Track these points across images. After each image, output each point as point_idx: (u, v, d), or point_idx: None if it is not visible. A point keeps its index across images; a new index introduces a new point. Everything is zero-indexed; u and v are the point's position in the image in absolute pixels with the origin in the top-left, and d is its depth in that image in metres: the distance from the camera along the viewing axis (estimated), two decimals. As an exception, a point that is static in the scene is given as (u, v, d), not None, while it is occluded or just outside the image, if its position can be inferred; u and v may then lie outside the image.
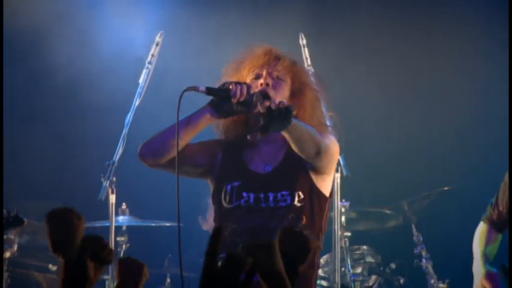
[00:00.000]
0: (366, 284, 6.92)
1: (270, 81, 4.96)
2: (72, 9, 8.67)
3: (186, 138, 5.04)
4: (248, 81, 5.04)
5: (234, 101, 4.83)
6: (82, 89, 8.34)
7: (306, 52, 5.68)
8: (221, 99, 4.96)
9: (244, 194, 4.95)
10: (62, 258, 3.24)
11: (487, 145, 8.04)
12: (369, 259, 6.86)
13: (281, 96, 4.96)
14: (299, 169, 5.01)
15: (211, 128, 5.22)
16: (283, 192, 4.95)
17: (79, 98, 8.21)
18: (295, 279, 3.26)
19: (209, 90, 4.83)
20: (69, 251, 3.22)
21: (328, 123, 5.28)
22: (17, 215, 5.67)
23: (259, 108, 4.79)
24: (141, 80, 5.72)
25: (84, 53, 8.61)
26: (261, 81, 5.00)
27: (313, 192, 4.99)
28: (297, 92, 5.04)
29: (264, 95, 4.95)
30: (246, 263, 2.64)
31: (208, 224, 6.07)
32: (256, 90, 4.99)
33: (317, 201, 5.00)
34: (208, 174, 5.15)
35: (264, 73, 5.01)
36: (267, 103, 4.30)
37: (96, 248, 2.96)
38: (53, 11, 8.40)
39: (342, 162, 5.57)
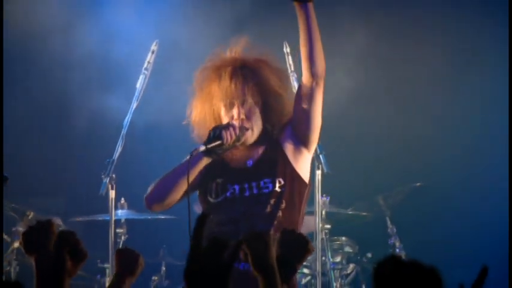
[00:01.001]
0: (345, 272, 6.91)
1: (243, 112, 4.99)
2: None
3: (186, 183, 4.98)
4: (221, 108, 5.06)
5: (226, 144, 4.86)
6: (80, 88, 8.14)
7: (289, 59, 5.52)
8: (215, 147, 4.97)
9: (229, 187, 4.99)
10: (36, 258, 3.32)
11: (454, 146, 7.88)
12: (347, 249, 6.89)
13: (254, 118, 4.99)
14: (279, 158, 5.05)
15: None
16: (266, 180, 4.97)
17: (78, 98, 8.02)
18: (291, 275, 3.40)
19: (207, 149, 4.84)
20: (42, 251, 3.31)
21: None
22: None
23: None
24: (138, 85, 5.67)
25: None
26: (235, 115, 5.00)
27: (293, 178, 5.01)
28: (267, 104, 5.06)
29: (245, 128, 5.02)
30: (227, 247, 2.70)
31: None
32: (237, 124, 5.00)
33: (297, 186, 5.03)
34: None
35: (236, 107, 5.02)
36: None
37: (72, 244, 3.01)
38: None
39: (322, 161, 5.45)
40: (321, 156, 5.46)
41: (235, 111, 4.99)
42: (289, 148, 5.08)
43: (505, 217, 7.48)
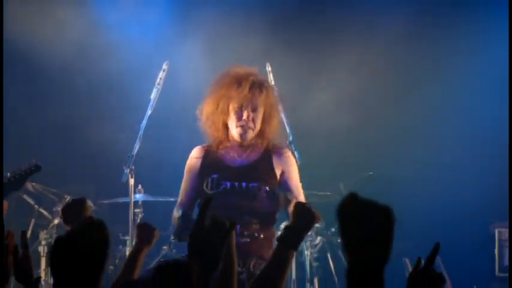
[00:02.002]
0: (314, 243, 6.79)
1: (251, 115, 4.91)
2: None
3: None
4: (232, 112, 4.97)
5: None
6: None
7: (271, 76, 5.50)
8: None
9: (222, 183, 4.90)
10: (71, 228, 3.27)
11: (406, 140, 7.59)
12: (316, 224, 6.74)
13: (257, 122, 4.96)
14: (269, 172, 4.99)
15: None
16: (253, 184, 4.91)
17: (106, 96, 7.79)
18: (299, 242, 3.29)
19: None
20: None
21: (287, 128, 5.35)
22: (36, 163, 5.59)
23: None
24: (152, 96, 5.59)
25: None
26: (245, 116, 4.91)
27: (274, 182, 4.96)
28: (268, 116, 4.99)
29: (250, 127, 4.97)
30: (225, 225, 2.72)
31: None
32: (239, 124, 4.98)
33: (277, 192, 4.97)
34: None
35: (247, 110, 4.93)
36: None
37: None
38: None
39: (296, 155, 5.34)
40: (295, 152, 5.35)
41: (245, 113, 4.89)
42: (278, 172, 5.00)
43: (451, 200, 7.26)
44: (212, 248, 2.67)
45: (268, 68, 5.44)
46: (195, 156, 5.10)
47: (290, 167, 5.09)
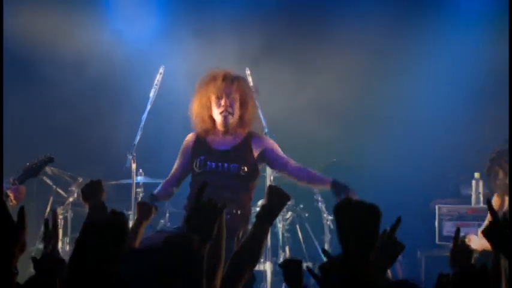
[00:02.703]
0: (285, 217, 6.74)
1: (227, 102, 4.93)
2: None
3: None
4: (213, 102, 5.00)
5: None
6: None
7: (250, 79, 5.43)
8: None
9: (208, 163, 4.91)
10: (89, 205, 3.56)
11: (364, 132, 7.46)
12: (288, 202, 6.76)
13: (235, 108, 4.97)
14: (248, 155, 4.98)
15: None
16: (234, 165, 4.90)
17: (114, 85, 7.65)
18: (274, 219, 3.33)
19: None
20: (93, 200, 3.55)
21: (261, 116, 5.30)
22: (50, 156, 5.58)
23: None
24: (151, 94, 5.56)
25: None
26: (223, 103, 4.94)
27: (253, 169, 4.95)
28: (243, 102, 4.99)
29: (229, 112, 4.96)
30: (217, 205, 2.75)
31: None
32: (220, 111, 5.00)
33: (254, 173, 4.97)
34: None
35: (224, 98, 4.96)
36: None
37: None
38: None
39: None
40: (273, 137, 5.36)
41: (223, 101, 4.90)
42: (256, 154, 4.99)
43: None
44: (207, 223, 2.71)
45: (248, 72, 5.42)
46: (188, 139, 5.10)
47: (270, 144, 5.10)
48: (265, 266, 5.75)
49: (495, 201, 5.95)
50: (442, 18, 7.66)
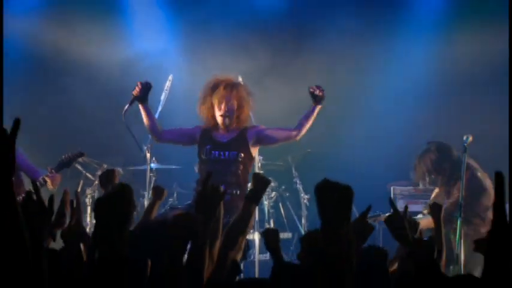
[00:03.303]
0: (270, 196, 6.72)
1: (226, 107, 4.90)
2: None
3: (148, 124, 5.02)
4: (216, 106, 4.93)
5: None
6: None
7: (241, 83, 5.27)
8: None
9: (213, 152, 4.91)
10: (105, 190, 3.53)
11: (334, 126, 7.16)
12: (272, 184, 6.61)
13: (232, 112, 4.93)
14: (243, 143, 4.96)
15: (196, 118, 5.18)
16: (233, 152, 4.90)
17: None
18: (259, 199, 3.37)
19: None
20: (108, 186, 3.48)
21: (252, 117, 5.22)
22: (80, 151, 5.58)
23: None
24: (162, 97, 5.56)
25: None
26: (223, 108, 4.90)
27: (248, 154, 4.96)
28: (240, 105, 4.94)
29: (227, 115, 4.92)
30: (219, 190, 2.81)
31: (196, 168, 5.59)
32: (220, 114, 4.93)
33: (249, 159, 4.98)
34: (194, 143, 5.09)
35: (223, 103, 4.93)
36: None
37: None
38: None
39: None
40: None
41: (223, 106, 4.88)
42: (252, 141, 4.98)
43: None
44: (211, 206, 2.75)
45: (240, 79, 5.38)
46: (198, 127, 5.07)
47: (261, 127, 5.07)
48: (254, 236, 5.80)
49: (436, 192, 5.87)
50: (401, 31, 7.51)
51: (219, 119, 4.92)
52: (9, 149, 1.61)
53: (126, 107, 5.04)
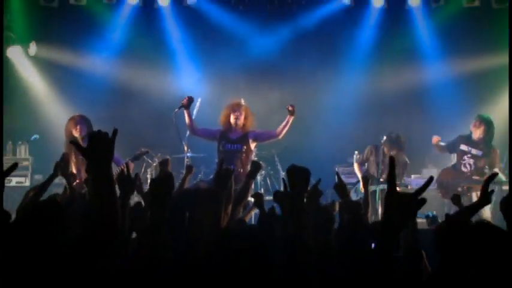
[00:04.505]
0: (261, 173, 6.48)
1: (238, 116, 5.01)
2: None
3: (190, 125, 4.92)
4: (232, 115, 4.93)
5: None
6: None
7: (246, 104, 5.29)
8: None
9: (227, 145, 4.97)
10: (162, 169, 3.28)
11: (306, 123, 6.86)
12: (262, 166, 6.28)
13: (241, 120, 4.97)
14: (245, 140, 5.00)
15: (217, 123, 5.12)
16: (239, 145, 4.95)
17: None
18: (255, 176, 3.20)
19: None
20: (164, 169, 3.30)
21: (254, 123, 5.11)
22: (147, 150, 5.18)
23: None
24: (194, 112, 5.53)
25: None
26: (236, 116, 4.92)
27: (248, 148, 5.00)
28: (245, 117, 5.01)
29: (238, 122, 4.96)
30: (231, 170, 2.71)
31: (216, 155, 5.31)
32: (233, 121, 4.95)
33: (249, 150, 5.01)
34: (214, 140, 5.09)
35: (236, 114, 5.02)
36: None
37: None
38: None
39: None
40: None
41: (234, 115, 4.97)
42: (250, 139, 5.01)
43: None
44: (224, 181, 2.64)
45: (242, 101, 5.32)
46: (219, 129, 5.06)
47: (257, 131, 5.08)
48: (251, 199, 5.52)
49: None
50: (347, 66, 7.43)
51: (233, 121, 5.02)
52: (111, 147, 1.61)
53: (176, 110, 4.96)
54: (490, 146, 5.24)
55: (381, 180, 5.35)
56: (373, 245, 2.22)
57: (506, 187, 4.92)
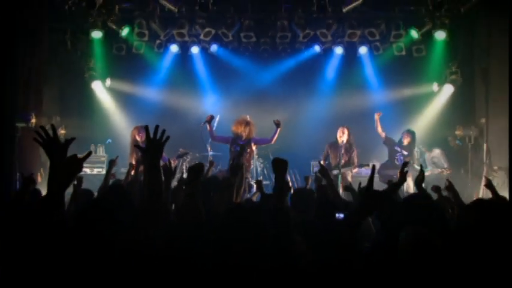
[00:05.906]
0: (259, 163, 6.25)
1: (245, 129, 4.84)
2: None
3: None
4: (242, 127, 4.72)
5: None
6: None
7: (250, 120, 5.07)
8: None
9: (236, 147, 4.83)
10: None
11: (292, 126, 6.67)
12: (261, 160, 6.39)
13: (247, 132, 4.76)
14: (249, 144, 4.85)
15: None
16: (245, 148, 4.81)
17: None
18: (238, 171, 2.70)
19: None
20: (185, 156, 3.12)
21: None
22: (187, 151, 5.26)
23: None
24: (215, 124, 5.37)
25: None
26: (243, 129, 4.71)
27: (251, 149, 4.89)
28: (250, 130, 4.85)
29: (245, 133, 4.76)
30: (241, 166, 2.67)
31: (229, 155, 4.98)
32: (240, 132, 4.77)
33: (251, 150, 4.91)
34: (227, 144, 4.95)
35: (243, 127, 4.85)
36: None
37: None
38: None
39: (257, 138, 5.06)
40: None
41: (243, 127, 4.80)
42: (252, 143, 4.88)
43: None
44: (236, 172, 2.55)
45: (248, 117, 5.14)
46: (231, 136, 4.89)
47: (256, 138, 4.94)
48: (253, 183, 5.01)
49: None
50: (317, 91, 7.26)
51: (240, 131, 4.90)
52: (162, 146, 1.60)
53: (202, 124, 4.89)
54: (413, 148, 5.67)
55: (340, 166, 5.18)
56: (337, 216, 2.22)
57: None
